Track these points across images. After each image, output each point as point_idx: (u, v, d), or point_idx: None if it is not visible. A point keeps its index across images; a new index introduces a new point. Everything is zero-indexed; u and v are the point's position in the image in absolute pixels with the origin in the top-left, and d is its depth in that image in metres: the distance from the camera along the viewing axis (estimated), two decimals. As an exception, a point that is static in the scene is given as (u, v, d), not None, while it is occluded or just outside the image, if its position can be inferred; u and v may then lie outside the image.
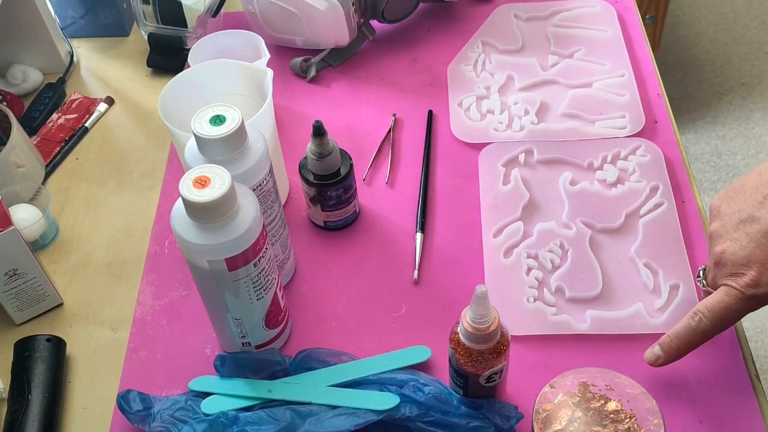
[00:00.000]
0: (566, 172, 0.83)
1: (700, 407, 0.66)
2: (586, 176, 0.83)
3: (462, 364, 0.61)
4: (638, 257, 0.75)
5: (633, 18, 1.00)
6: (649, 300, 0.72)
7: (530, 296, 0.73)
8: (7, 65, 1.00)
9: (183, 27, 0.99)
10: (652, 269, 0.74)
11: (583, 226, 0.78)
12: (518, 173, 0.83)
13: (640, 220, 0.78)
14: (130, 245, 0.82)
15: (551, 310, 0.72)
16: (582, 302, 0.73)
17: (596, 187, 0.81)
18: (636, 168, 0.82)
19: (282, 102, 0.95)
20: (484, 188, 0.82)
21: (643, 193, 0.80)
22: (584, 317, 0.71)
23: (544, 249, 0.76)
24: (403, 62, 0.99)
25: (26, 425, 0.66)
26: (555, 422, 0.58)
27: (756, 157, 1.94)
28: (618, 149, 0.84)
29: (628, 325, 0.70)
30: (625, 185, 0.81)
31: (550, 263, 0.75)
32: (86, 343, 0.75)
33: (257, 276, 0.63)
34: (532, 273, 0.75)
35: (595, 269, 0.74)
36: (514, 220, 0.79)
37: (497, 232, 0.78)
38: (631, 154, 0.84)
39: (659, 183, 0.81)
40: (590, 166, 0.83)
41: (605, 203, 0.80)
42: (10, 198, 0.82)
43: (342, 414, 0.64)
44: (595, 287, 0.73)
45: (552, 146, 0.85)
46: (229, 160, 0.64)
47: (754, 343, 1.61)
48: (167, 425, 0.65)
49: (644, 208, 0.79)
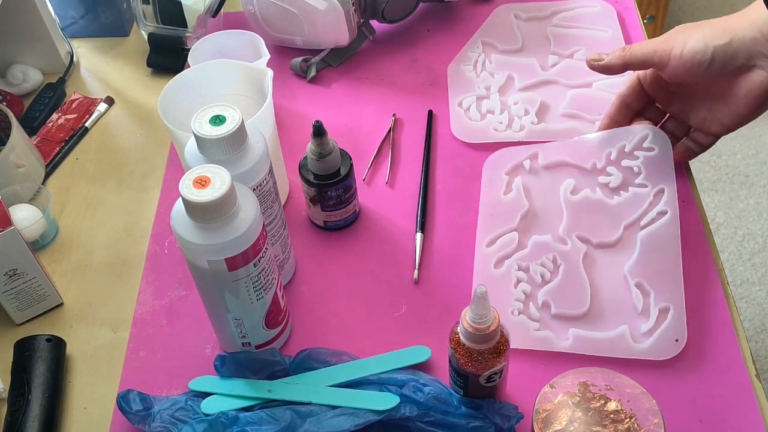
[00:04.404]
0: (569, 180, 0.81)
1: (700, 407, 0.66)
2: (589, 182, 0.80)
3: (462, 364, 0.61)
4: (631, 276, 0.73)
5: (633, 18, 1.00)
6: (636, 323, 0.70)
7: (515, 309, 0.72)
8: (7, 65, 1.00)
9: (183, 27, 0.99)
10: (643, 290, 0.72)
11: (579, 242, 0.76)
12: (521, 181, 0.81)
13: (639, 233, 0.75)
14: (130, 245, 0.82)
15: (534, 325, 0.71)
16: (567, 319, 0.71)
17: (598, 195, 0.79)
18: (642, 168, 0.79)
19: (282, 102, 0.95)
20: (485, 196, 0.81)
21: (646, 200, 0.77)
22: (567, 335, 0.70)
23: (536, 262, 0.75)
24: (403, 62, 0.99)
25: (26, 425, 0.66)
26: (555, 422, 0.58)
27: (756, 157, 1.94)
28: (623, 143, 0.81)
29: (610, 348, 0.69)
30: (629, 191, 0.78)
31: (540, 277, 0.74)
32: (86, 343, 0.75)
33: (257, 276, 0.63)
34: (520, 286, 0.73)
35: (584, 287, 0.73)
36: (510, 231, 0.78)
37: (491, 242, 0.77)
38: (637, 149, 0.80)
39: (664, 186, 0.78)
40: (594, 169, 0.81)
41: (605, 214, 0.78)
42: (10, 198, 0.82)
43: (342, 414, 0.64)
44: (582, 305, 0.71)
45: (557, 146, 0.83)
46: (229, 160, 0.64)
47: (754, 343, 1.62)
48: (167, 425, 0.65)
49: (646, 218, 0.76)
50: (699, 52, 0.71)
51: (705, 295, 0.72)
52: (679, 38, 0.73)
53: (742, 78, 0.71)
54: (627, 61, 0.76)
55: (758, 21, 0.70)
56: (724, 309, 0.71)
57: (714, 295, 0.72)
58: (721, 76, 0.72)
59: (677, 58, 0.72)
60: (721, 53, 0.71)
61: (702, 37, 0.71)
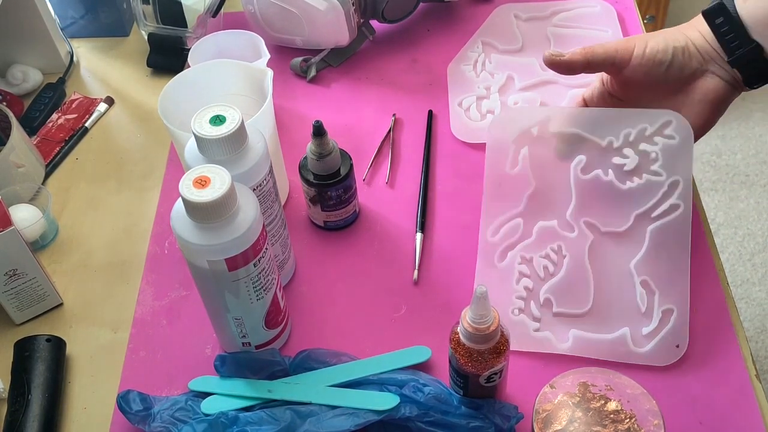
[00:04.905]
0: (580, 156, 0.75)
1: (700, 407, 0.66)
2: (602, 161, 0.75)
3: (462, 364, 0.61)
4: (637, 273, 0.71)
5: (633, 18, 1.00)
6: (638, 324, 0.70)
7: (516, 308, 0.72)
8: (7, 65, 1.00)
9: (183, 27, 0.99)
10: (648, 289, 0.71)
11: (586, 229, 0.73)
12: (527, 153, 0.76)
13: (649, 226, 0.72)
14: (130, 245, 0.82)
15: (534, 325, 0.70)
16: (568, 318, 0.71)
17: (610, 177, 0.74)
18: (659, 155, 0.73)
19: (282, 102, 0.95)
20: (490, 169, 0.77)
21: (660, 190, 0.73)
22: (567, 336, 0.69)
23: (540, 254, 0.74)
24: (403, 62, 0.99)
25: (26, 425, 0.66)
26: (555, 422, 0.58)
27: (756, 157, 1.94)
28: (644, 125, 0.74)
29: (610, 352, 0.68)
30: (643, 178, 0.73)
31: (543, 270, 0.73)
32: (86, 343, 0.75)
33: (257, 276, 0.63)
34: (522, 282, 0.73)
35: (588, 283, 0.72)
36: (515, 216, 0.75)
37: (496, 230, 0.76)
38: (657, 135, 0.74)
39: (680, 178, 0.73)
40: (609, 147, 0.75)
41: (616, 200, 0.74)
42: (10, 198, 0.82)
43: (342, 414, 0.64)
44: (585, 304, 0.71)
45: (572, 114, 0.77)
46: (229, 160, 0.64)
47: (754, 343, 1.62)
48: (167, 425, 0.65)
49: (658, 210, 0.73)
50: (660, 52, 0.72)
51: (705, 296, 0.72)
52: (641, 39, 0.74)
53: (697, 83, 0.72)
54: (588, 58, 0.74)
55: (703, 32, 0.72)
56: (724, 309, 0.71)
57: (714, 296, 0.72)
58: (678, 80, 0.73)
59: (639, 57, 0.72)
60: (680, 54, 0.72)
61: (663, 39, 0.73)
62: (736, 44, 0.70)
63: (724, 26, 0.70)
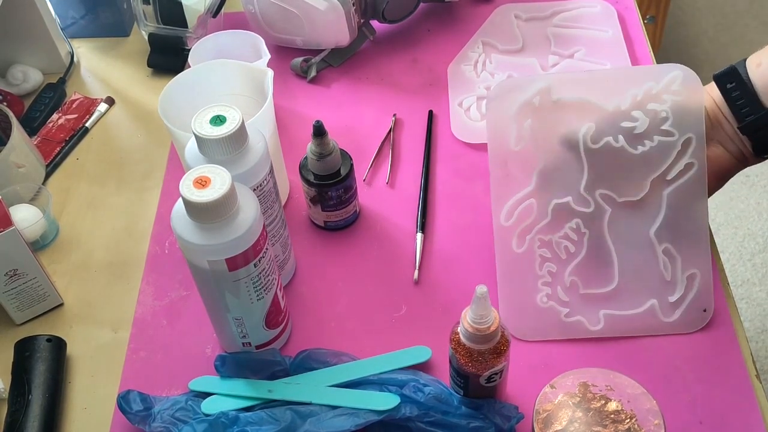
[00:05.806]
0: (588, 124, 0.71)
1: (700, 407, 0.66)
2: (610, 126, 0.71)
3: (462, 364, 0.61)
4: (658, 241, 0.70)
5: (633, 18, 1.00)
6: (664, 293, 0.69)
7: (543, 294, 0.70)
8: (8, 65, 1.00)
9: (183, 27, 0.99)
10: (670, 256, 0.70)
11: (602, 202, 0.71)
12: (531, 127, 0.72)
13: (665, 191, 0.70)
14: (130, 245, 0.82)
15: (564, 311, 0.69)
16: (596, 299, 0.70)
17: (621, 143, 0.71)
18: (669, 113, 0.70)
19: (282, 102, 0.95)
20: (494, 149, 0.73)
21: (674, 150, 0.70)
22: (598, 317, 0.68)
23: (559, 234, 0.71)
24: (403, 62, 0.99)
25: (26, 425, 0.66)
26: (555, 422, 0.58)
27: (756, 157, 1.93)
28: (650, 83, 0.71)
29: (640, 327, 0.69)
30: (655, 141, 0.70)
31: (565, 252, 0.71)
32: (86, 344, 0.75)
33: (257, 276, 0.63)
34: (546, 266, 0.71)
35: (611, 259, 0.70)
36: (527, 196, 0.72)
37: (509, 214, 0.72)
38: (665, 93, 0.71)
39: (692, 135, 0.70)
40: (617, 111, 0.72)
41: (629, 167, 0.71)
42: (10, 198, 0.82)
43: (342, 414, 0.64)
44: (611, 281, 0.70)
45: (573, 79, 0.74)
46: (230, 161, 0.64)
47: (754, 343, 1.62)
48: (167, 425, 0.65)
49: (673, 172, 0.70)
50: None
51: (705, 296, 0.72)
52: None
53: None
54: None
55: (714, 96, 0.70)
56: (724, 309, 0.71)
57: (714, 295, 0.72)
58: None
59: None
60: None
61: None
62: (747, 110, 0.68)
63: (735, 91, 0.68)
